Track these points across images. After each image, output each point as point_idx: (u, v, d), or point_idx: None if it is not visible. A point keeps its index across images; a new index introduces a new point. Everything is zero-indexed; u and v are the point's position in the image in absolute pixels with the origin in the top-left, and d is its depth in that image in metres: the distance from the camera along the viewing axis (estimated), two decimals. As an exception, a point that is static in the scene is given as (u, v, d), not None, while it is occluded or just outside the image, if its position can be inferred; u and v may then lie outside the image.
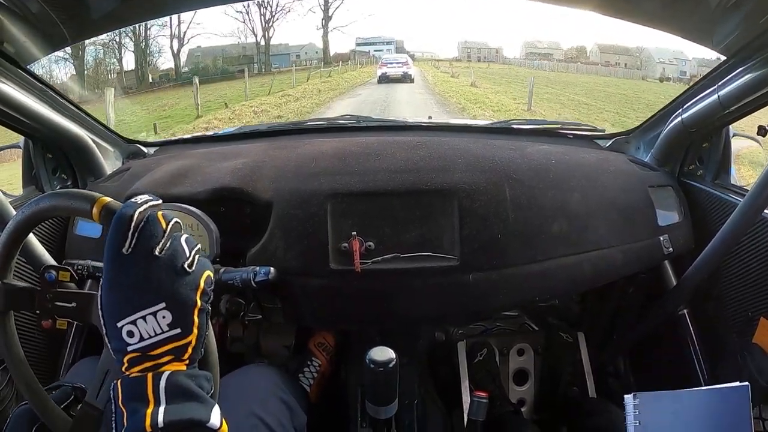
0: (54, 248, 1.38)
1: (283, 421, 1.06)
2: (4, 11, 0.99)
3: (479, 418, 1.33)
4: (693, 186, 1.48)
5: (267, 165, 1.31)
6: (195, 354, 0.64)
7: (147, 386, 0.60)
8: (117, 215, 0.62)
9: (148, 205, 0.64)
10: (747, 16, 1.03)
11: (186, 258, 0.63)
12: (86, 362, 1.15)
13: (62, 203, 0.70)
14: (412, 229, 1.22)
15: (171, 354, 0.62)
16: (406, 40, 20.48)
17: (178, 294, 0.62)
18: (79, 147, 1.47)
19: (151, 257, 0.61)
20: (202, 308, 0.64)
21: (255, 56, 17.00)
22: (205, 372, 0.66)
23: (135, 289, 0.61)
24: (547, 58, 18.64)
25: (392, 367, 1.03)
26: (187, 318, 0.62)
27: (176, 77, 14.82)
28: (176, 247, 0.63)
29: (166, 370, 0.61)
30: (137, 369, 0.61)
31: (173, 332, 0.61)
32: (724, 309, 1.38)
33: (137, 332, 0.60)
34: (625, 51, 17.01)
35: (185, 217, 1.15)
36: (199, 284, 0.64)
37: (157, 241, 0.62)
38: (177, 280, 0.62)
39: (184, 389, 0.61)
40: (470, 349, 1.67)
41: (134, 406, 0.59)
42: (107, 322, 0.62)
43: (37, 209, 0.72)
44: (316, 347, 1.62)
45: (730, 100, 1.20)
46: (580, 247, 1.28)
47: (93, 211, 0.67)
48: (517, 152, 1.36)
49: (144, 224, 0.62)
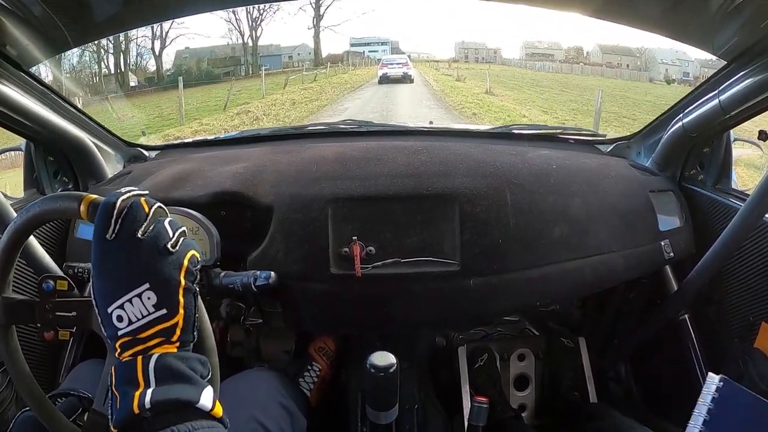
0: (55, 252, 1.38)
1: (283, 426, 1.05)
2: (6, 14, 1.00)
3: (480, 424, 1.32)
4: (694, 191, 1.48)
5: (268, 169, 1.32)
6: (185, 335, 0.63)
7: (137, 369, 0.59)
8: (102, 204, 0.63)
9: (132, 193, 0.64)
10: (747, 21, 1.04)
11: (169, 238, 0.63)
12: (86, 365, 1.15)
13: (50, 207, 0.70)
14: (412, 233, 1.22)
15: (160, 336, 0.62)
16: (401, 40, 19.77)
17: (161, 273, 0.61)
18: (81, 150, 1.47)
19: (134, 240, 0.61)
20: (187, 287, 0.63)
21: (242, 57, 16.01)
22: (197, 355, 0.65)
23: (120, 273, 0.61)
24: (547, 58, 18.26)
25: (393, 372, 1.03)
26: (172, 298, 0.62)
27: (158, 81, 13.65)
28: (159, 230, 0.63)
29: (156, 353, 0.61)
30: (128, 353, 0.61)
31: (159, 313, 0.61)
32: (725, 314, 1.37)
33: (125, 316, 0.60)
34: (628, 52, 16.60)
35: (186, 220, 1.15)
36: (183, 263, 0.63)
37: (139, 224, 0.62)
38: (160, 260, 0.62)
39: (174, 370, 0.60)
40: (471, 354, 1.67)
41: (125, 389, 0.59)
42: (100, 310, 0.63)
43: (27, 219, 0.72)
44: (317, 352, 1.62)
45: (731, 105, 1.20)
46: (581, 252, 1.27)
47: (81, 209, 0.66)
48: (518, 157, 1.36)
49: (127, 210, 0.62)
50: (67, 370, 1.40)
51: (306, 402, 1.30)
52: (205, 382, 0.63)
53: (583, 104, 11.73)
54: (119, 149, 1.69)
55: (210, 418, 0.61)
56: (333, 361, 1.64)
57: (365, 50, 19.57)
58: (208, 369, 0.65)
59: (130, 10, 1.17)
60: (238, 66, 15.85)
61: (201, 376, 0.63)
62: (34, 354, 1.34)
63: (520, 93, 13.47)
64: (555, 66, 17.79)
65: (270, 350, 1.48)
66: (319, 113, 11.25)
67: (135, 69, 13.33)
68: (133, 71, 13.16)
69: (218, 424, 0.62)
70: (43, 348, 1.37)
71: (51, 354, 1.40)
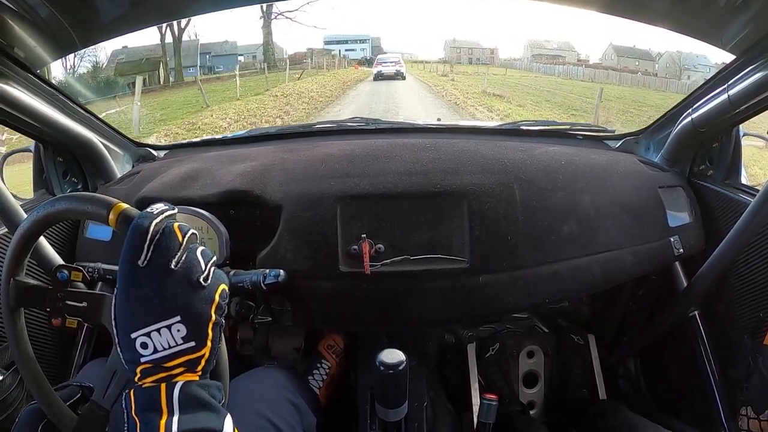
0: (65, 251, 1.39)
1: (292, 423, 1.06)
2: (14, 17, 1.00)
3: (489, 421, 1.32)
4: (703, 186, 1.47)
5: (276, 168, 1.32)
6: (208, 366, 0.64)
7: (161, 396, 0.60)
8: (133, 226, 0.62)
9: (165, 215, 0.64)
10: (756, 15, 1.03)
11: (201, 272, 0.63)
12: (97, 363, 1.16)
13: (78, 207, 0.71)
14: (421, 231, 1.22)
15: (184, 366, 0.62)
16: (383, 36, 18.42)
17: (193, 308, 0.62)
18: (89, 150, 1.48)
19: (167, 270, 0.61)
20: (217, 322, 0.64)
21: (163, 60, 12.81)
22: (216, 382, 0.66)
23: (150, 302, 0.61)
24: (557, 60, 16.94)
25: (402, 369, 1.03)
26: (202, 332, 0.63)
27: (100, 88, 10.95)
28: (192, 261, 0.63)
29: (180, 381, 0.62)
30: (150, 379, 0.62)
31: (188, 345, 0.62)
32: (735, 310, 1.36)
33: (151, 344, 0.61)
34: (645, 55, 15.27)
35: (195, 220, 1.16)
36: (214, 298, 0.64)
37: (173, 254, 0.62)
38: (192, 293, 0.62)
39: (198, 399, 0.61)
40: (481, 345, 1.67)
41: (149, 416, 0.60)
42: (120, 332, 0.63)
43: (53, 211, 0.72)
44: (326, 349, 1.63)
45: (740, 100, 1.19)
46: (590, 248, 1.27)
47: (110, 217, 0.67)
48: (526, 154, 1.35)
49: (160, 236, 0.62)
50: (77, 367, 1.41)
51: (315, 399, 1.31)
52: (224, 409, 0.64)
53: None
54: (128, 149, 1.70)
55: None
56: (342, 359, 1.64)
57: (341, 48, 18.11)
58: (222, 394, 0.66)
59: (136, 11, 1.17)
60: (153, 72, 12.98)
61: (219, 402, 0.64)
62: (45, 350, 1.36)
63: (536, 105, 11.84)
64: (575, 70, 16.02)
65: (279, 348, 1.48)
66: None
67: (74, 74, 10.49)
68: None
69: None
70: (54, 345, 1.38)
71: (62, 351, 1.41)
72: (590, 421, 1.47)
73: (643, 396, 1.70)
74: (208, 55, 14.75)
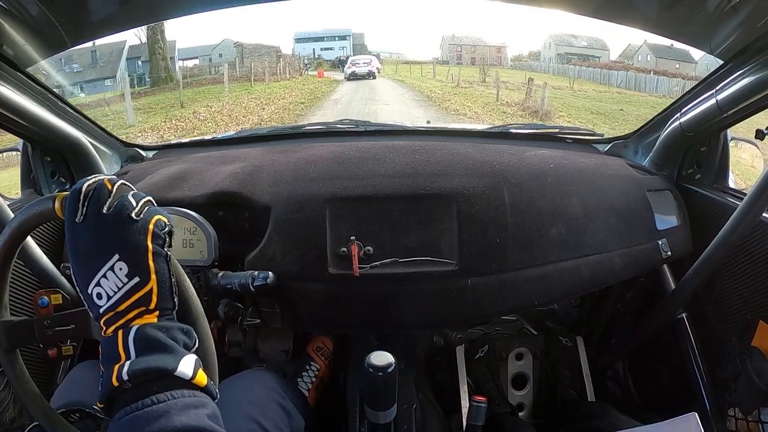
0: (52, 252, 1.38)
1: (281, 426, 1.05)
2: (3, 14, 0.99)
3: (478, 423, 1.32)
4: (691, 190, 1.49)
5: (265, 169, 1.31)
6: (162, 302, 0.63)
7: (118, 343, 0.59)
8: (69, 192, 0.63)
9: (98, 178, 0.64)
10: (744, 20, 1.04)
11: (133, 208, 0.63)
12: (83, 367, 1.14)
13: (28, 215, 0.69)
14: (410, 233, 1.22)
15: (138, 306, 0.61)
16: (367, 33, 17.28)
17: (127, 242, 0.61)
18: (78, 150, 1.46)
19: (100, 216, 0.61)
20: (156, 251, 0.63)
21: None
22: (179, 324, 0.64)
23: (91, 250, 0.61)
24: (586, 61, 14.35)
25: (391, 371, 1.03)
26: (141, 264, 0.62)
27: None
28: (123, 202, 0.63)
29: (136, 325, 0.61)
30: (111, 329, 0.61)
31: (132, 282, 0.61)
32: (723, 312, 1.37)
33: (103, 292, 0.61)
34: (686, 56, 13.18)
35: (184, 221, 1.15)
36: (148, 228, 0.63)
37: (104, 201, 0.62)
38: (125, 229, 0.61)
39: (152, 341, 0.60)
40: (470, 347, 1.67)
41: (108, 364, 0.59)
42: (82, 294, 0.63)
43: (11, 234, 0.71)
44: (315, 352, 1.62)
45: (728, 104, 1.20)
46: (579, 251, 1.28)
47: (56, 207, 0.66)
48: (515, 157, 1.36)
49: (93, 192, 0.62)
50: (64, 372, 1.39)
51: (304, 402, 1.30)
52: (185, 350, 0.62)
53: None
54: (116, 149, 1.68)
55: (193, 387, 0.60)
56: (331, 361, 1.64)
57: (316, 47, 16.86)
58: (193, 338, 0.65)
59: (126, 10, 1.16)
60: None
61: (185, 345, 0.63)
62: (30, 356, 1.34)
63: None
64: (614, 75, 13.44)
65: (268, 350, 1.48)
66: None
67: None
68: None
69: (202, 394, 0.61)
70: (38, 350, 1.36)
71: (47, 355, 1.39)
72: (579, 422, 1.48)
73: (631, 397, 1.71)
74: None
